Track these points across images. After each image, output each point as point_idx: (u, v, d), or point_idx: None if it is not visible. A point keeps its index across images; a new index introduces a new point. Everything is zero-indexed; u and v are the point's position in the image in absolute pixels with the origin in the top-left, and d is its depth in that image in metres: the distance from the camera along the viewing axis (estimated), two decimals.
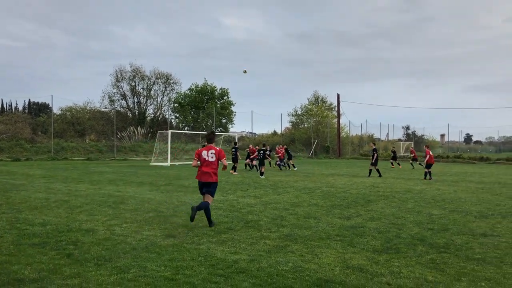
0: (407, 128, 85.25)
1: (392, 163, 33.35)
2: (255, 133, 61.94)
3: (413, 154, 32.76)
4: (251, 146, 28.44)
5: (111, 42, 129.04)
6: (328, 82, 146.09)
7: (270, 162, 25.26)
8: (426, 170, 21.81)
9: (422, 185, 18.16)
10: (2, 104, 67.85)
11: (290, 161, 29.62)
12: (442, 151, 67.19)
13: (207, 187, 8.77)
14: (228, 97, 52.52)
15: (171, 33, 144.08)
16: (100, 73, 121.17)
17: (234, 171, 24.31)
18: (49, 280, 5.16)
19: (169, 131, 33.36)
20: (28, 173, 20.84)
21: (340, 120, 58.36)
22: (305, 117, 64.18)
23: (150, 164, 31.95)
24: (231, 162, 24.88)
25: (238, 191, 14.82)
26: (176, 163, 32.78)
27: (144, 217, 9.56)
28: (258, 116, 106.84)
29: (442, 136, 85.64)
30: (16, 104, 74.98)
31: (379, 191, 15.76)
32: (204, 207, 8.48)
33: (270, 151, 22.44)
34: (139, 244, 7.02)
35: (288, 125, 65.98)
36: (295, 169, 28.50)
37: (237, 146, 26.03)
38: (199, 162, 8.80)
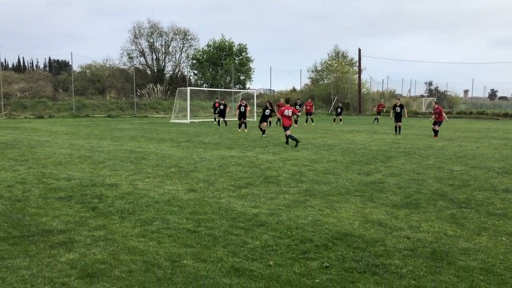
0: (430, 83, 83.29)
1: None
2: (273, 90, 61.40)
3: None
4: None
5: None
6: (349, 37, 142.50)
7: (270, 122, 24.65)
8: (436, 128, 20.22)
9: (443, 142, 17.91)
10: (23, 62, 68.33)
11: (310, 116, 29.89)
12: (465, 107, 65.77)
13: (286, 129, 15.97)
14: (247, 53, 51.89)
15: None
16: (118, 30, 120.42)
17: (245, 127, 23.80)
18: (75, 231, 5.35)
19: (188, 88, 33.33)
20: (52, 130, 21.26)
21: (361, 76, 57.24)
22: (325, 73, 63.09)
23: (170, 121, 32.18)
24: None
25: (257, 148, 14.88)
26: (196, 120, 32.94)
27: (165, 172, 9.72)
28: (277, 72, 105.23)
29: (466, 92, 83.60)
30: (37, 62, 75.48)
31: (399, 147, 15.62)
32: (291, 138, 15.43)
33: (272, 110, 21.73)
34: (161, 198, 7.18)
35: (308, 81, 65.10)
36: (310, 123, 28.47)
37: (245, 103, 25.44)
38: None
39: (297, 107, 26.97)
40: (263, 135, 19.43)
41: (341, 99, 57.01)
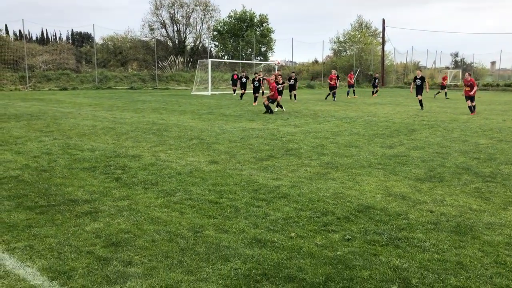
0: (456, 55, 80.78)
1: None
2: (294, 62, 60.58)
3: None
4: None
5: None
6: (373, 6, 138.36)
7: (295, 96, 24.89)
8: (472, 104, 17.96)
9: (468, 115, 17.47)
10: (47, 35, 68.89)
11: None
12: (492, 79, 63.75)
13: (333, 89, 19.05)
14: (268, 24, 51.09)
15: None
16: (139, 1, 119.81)
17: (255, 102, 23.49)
18: (100, 202, 5.45)
19: (209, 60, 33.17)
20: (75, 102, 21.55)
21: (385, 47, 55.89)
22: (347, 44, 61.80)
23: (191, 93, 32.23)
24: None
25: (278, 120, 14.81)
26: (217, 93, 32.90)
27: (187, 144, 9.78)
28: (298, 44, 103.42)
29: (493, 63, 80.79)
30: (60, 34, 76.09)
31: (423, 120, 15.32)
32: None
33: (283, 83, 21.09)
34: (183, 170, 7.23)
35: (330, 53, 63.93)
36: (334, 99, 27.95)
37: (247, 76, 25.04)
38: None
39: (292, 80, 25.89)
40: (282, 109, 18.46)
41: (364, 71, 55.99)
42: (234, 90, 31.63)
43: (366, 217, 4.98)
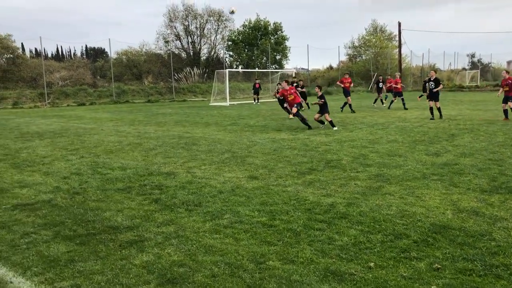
0: (472, 55, 79.54)
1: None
2: (306, 69, 59.93)
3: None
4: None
5: None
6: (387, 10, 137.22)
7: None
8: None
9: (503, 116, 16.67)
10: (62, 51, 69.58)
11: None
12: None
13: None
14: (282, 32, 50.68)
15: None
16: (152, 15, 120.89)
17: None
18: (143, 228, 4.97)
19: (227, 70, 32.84)
20: (96, 117, 21.29)
21: (401, 50, 55.05)
22: (362, 49, 61.14)
23: (210, 104, 31.88)
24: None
25: (306, 130, 14.26)
26: (235, 103, 32.52)
27: (220, 158, 9.29)
28: (313, 50, 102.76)
29: (509, 63, 79.22)
30: (74, 50, 76.71)
31: (459, 124, 14.62)
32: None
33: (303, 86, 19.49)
34: (224, 187, 6.73)
35: (345, 58, 63.27)
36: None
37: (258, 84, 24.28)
38: None
39: (298, 89, 24.76)
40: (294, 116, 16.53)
41: (381, 75, 55.20)
42: (255, 99, 31.53)
43: (446, 239, 4.40)
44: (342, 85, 22.58)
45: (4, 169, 8.58)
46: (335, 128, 14.10)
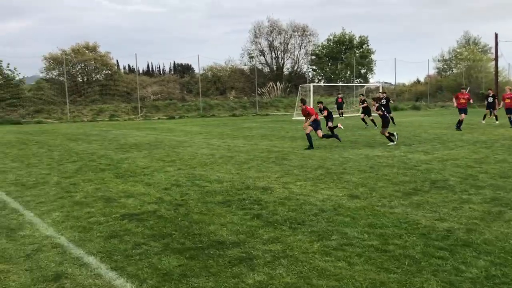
0: None
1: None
2: (390, 83, 57.82)
3: None
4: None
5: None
6: (480, 21, 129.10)
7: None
8: None
9: None
10: (152, 67, 73.79)
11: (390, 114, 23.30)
12: None
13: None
14: (368, 45, 49.62)
15: None
16: (237, 31, 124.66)
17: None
18: (249, 245, 4.85)
19: (311, 85, 32.74)
20: (186, 130, 22.08)
21: (498, 63, 51.25)
22: (453, 62, 57.89)
23: (292, 118, 31.84)
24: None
25: (401, 146, 13.55)
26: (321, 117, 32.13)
27: (314, 174, 9.05)
28: (399, 63, 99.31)
29: None
30: (163, 66, 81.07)
31: None
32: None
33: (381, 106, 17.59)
34: (325, 205, 6.47)
35: (434, 71, 60.28)
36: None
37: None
38: None
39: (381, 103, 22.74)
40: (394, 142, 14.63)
41: (474, 90, 51.73)
42: (340, 114, 31.05)
43: None
44: (458, 102, 19.69)
45: (109, 178, 9.04)
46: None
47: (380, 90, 36.31)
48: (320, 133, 13.98)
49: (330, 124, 17.17)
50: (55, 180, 8.96)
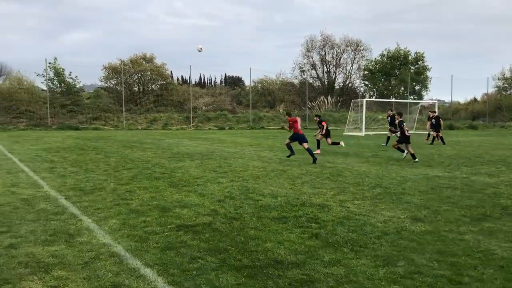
0: None
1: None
2: (443, 101, 55.66)
3: None
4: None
5: (294, 14, 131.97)
6: None
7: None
8: None
9: None
10: (204, 79, 75.25)
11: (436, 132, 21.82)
12: None
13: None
14: (423, 62, 48.13)
15: None
16: (287, 45, 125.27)
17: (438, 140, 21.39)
18: (310, 266, 4.60)
19: (364, 100, 32.03)
20: (236, 141, 22.13)
21: None
22: None
23: (344, 133, 31.23)
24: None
25: (462, 167, 12.82)
26: (370, 133, 31.38)
27: (371, 193, 8.66)
28: (456, 81, 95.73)
29: None
30: (215, 78, 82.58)
31: None
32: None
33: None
34: (386, 228, 6.11)
35: (493, 90, 57.48)
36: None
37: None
38: None
39: (433, 120, 21.54)
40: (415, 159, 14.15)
41: None
42: (391, 131, 30.19)
43: None
44: None
45: (164, 187, 9.07)
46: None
47: (436, 108, 35.05)
48: (305, 145, 13.99)
49: (329, 140, 17.89)
50: (112, 187, 9.10)
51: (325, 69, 47.51)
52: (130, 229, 5.93)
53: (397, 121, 15.22)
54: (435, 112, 24.05)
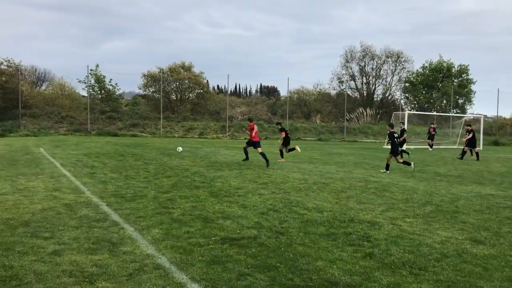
0: None
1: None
2: (485, 115, 53.55)
3: None
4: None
5: (331, 25, 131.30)
6: None
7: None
8: None
9: None
10: (240, 88, 75.62)
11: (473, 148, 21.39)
12: None
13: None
14: (468, 75, 46.51)
15: (392, 10, 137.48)
16: (321, 56, 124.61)
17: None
18: None
19: (406, 112, 31.18)
20: (273, 151, 21.82)
21: None
22: None
23: (383, 147, 30.43)
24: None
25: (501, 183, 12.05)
26: (411, 147, 30.42)
27: (423, 211, 8.17)
28: (503, 95, 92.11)
29: None
30: (250, 87, 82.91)
31: None
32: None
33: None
34: (445, 249, 5.66)
35: None
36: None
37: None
38: None
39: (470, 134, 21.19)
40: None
41: None
42: (430, 145, 29.28)
43: None
44: None
45: (204, 197, 8.88)
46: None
47: (481, 123, 33.69)
48: (260, 149, 15.25)
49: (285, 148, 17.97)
50: (153, 194, 8.99)
51: (364, 80, 46.72)
52: (174, 240, 5.72)
53: (388, 132, 15.16)
54: (470, 125, 23.14)
